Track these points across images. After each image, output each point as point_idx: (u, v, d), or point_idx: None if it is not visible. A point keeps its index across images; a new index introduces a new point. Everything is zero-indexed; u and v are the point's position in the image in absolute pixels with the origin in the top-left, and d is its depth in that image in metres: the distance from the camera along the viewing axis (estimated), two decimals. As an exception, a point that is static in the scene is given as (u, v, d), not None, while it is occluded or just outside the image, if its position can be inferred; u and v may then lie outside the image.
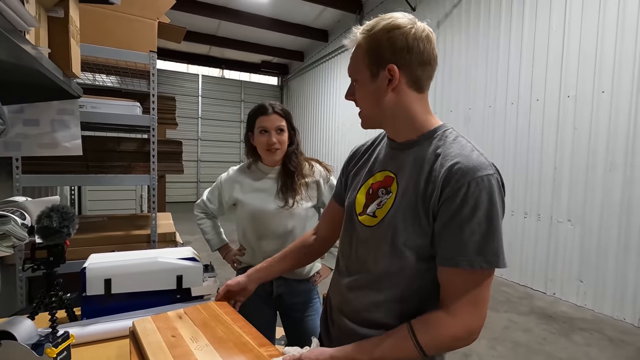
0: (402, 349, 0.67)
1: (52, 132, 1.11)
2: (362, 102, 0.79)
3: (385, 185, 0.79)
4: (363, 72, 0.76)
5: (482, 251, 0.65)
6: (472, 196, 0.65)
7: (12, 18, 0.57)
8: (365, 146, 0.94)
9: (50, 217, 0.88)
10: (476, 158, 0.68)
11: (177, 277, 1.15)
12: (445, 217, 0.67)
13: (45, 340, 0.88)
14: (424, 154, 0.75)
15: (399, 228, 0.72)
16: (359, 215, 0.82)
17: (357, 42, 0.77)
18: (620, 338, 2.74)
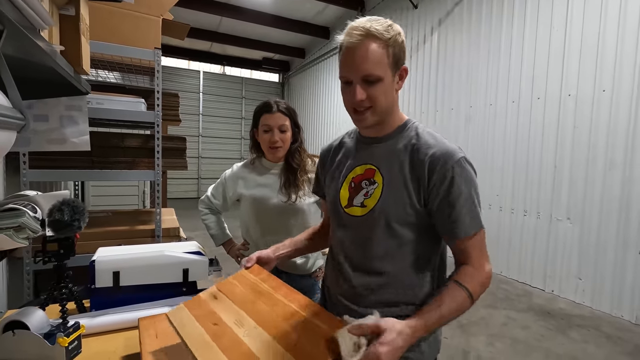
0: (459, 300, 0.76)
1: (61, 127, 1.13)
2: (381, 99, 0.81)
3: (368, 177, 0.88)
4: (388, 72, 0.80)
5: (472, 219, 0.80)
6: (459, 176, 0.78)
7: (30, 16, 0.59)
8: (334, 147, 1.02)
9: (61, 211, 0.90)
10: (449, 145, 0.82)
11: (183, 271, 1.18)
12: (438, 199, 0.79)
13: (57, 330, 0.90)
14: (400, 146, 0.85)
15: (391, 212, 0.82)
16: (345, 208, 0.90)
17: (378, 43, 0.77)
18: (617, 335, 2.77)
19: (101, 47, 1.65)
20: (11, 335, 0.88)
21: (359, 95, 0.79)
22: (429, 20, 5.22)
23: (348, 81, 0.81)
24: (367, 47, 0.77)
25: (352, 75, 0.79)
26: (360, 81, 0.79)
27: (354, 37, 0.77)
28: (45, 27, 0.63)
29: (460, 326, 2.83)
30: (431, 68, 5.18)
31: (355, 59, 0.78)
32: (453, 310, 0.76)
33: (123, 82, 2.56)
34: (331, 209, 0.96)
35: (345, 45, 0.79)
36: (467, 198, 0.79)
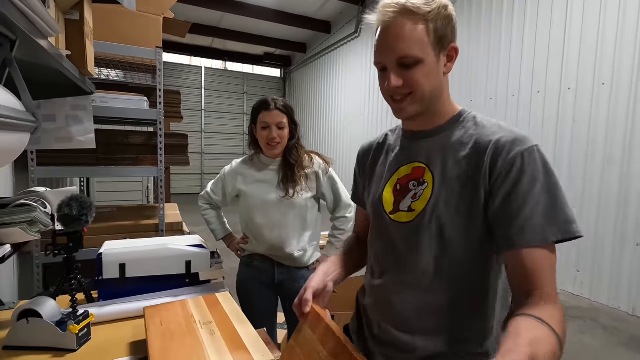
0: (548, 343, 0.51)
1: (67, 126, 1.18)
2: (424, 84, 0.68)
3: (416, 176, 0.74)
4: (429, 51, 0.67)
5: (551, 221, 0.59)
6: (528, 166, 0.61)
7: (39, 25, 0.64)
8: (375, 145, 0.89)
9: (70, 206, 0.96)
10: (519, 132, 0.66)
11: (186, 263, 1.23)
12: (502, 195, 0.63)
13: (68, 318, 0.96)
14: (456, 138, 0.71)
15: (444, 216, 0.68)
16: (390, 214, 0.77)
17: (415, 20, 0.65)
18: (614, 326, 2.82)
19: (104, 46, 1.69)
20: (25, 323, 0.94)
21: (393, 82, 0.67)
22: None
23: (383, 67, 0.70)
24: (402, 25, 0.65)
25: (385, 59, 0.68)
26: (395, 65, 0.67)
27: (387, 15, 0.66)
28: (53, 35, 0.67)
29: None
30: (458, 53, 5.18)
31: (388, 40, 0.66)
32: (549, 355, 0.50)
33: (126, 79, 2.60)
34: (374, 217, 0.82)
35: (377, 26, 0.68)
36: (541, 193, 0.60)
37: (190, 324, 0.94)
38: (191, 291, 1.22)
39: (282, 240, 1.39)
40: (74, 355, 0.93)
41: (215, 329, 0.92)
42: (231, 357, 0.80)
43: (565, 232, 0.60)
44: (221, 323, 0.95)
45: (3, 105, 0.50)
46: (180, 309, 1.02)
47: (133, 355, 0.94)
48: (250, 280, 1.46)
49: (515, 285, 0.62)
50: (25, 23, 0.58)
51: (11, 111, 0.51)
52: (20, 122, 0.54)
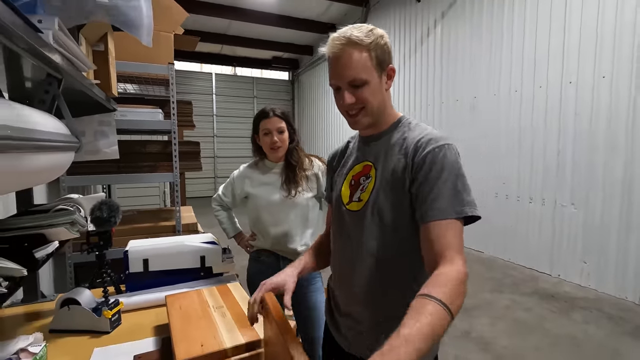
0: (437, 321, 0.60)
1: (95, 140, 1.35)
2: (372, 100, 0.84)
3: (365, 172, 0.91)
4: (373, 74, 0.82)
5: (452, 202, 0.75)
6: (438, 160, 0.77)
7: (77, 64, 0.79)
8: (340, 150, 1.07)
9: (101, 209, 1.12)
10: (437, 134, 0.83)
11: (200, 257, 1.39)
12: (419, 182, 0.79)
13: (102, 305, 1.13)
14: (394, 140, 0.88)
15: (382, 204, 0.84)
16: (346, 205, 0.93)
17: (359, 49, 0.80)
18: (619, 315, 2.85)
19: (122, 65, 1.86)
20: (67, 309, 1.11)
21: (347, 100, 0.83)
22: (432, 13, 5.28)
23: (337, 87, 0.85)
24: (350, 54, 0.80)
25: (339, 81, 0.83)
26: (347, 86, 0.82)
27: (336, 47, 0.81)
28: (87, 70, 0.83)
29: (464, 309, 2.96)
30: (435, 60, 5.25)
31: (340, 66, 0.81)
32: (435, 340, 0.59)
33: (141, 92, 2.80)
34: (335, 209, 0.98)
35: (329, 55, 0.83)
36: (447, 180, 0.76)
37: (205, 308, 1.09)
38: (205, 283, 1.37)
39: (286, 237, 1.54)
40: (108, 337, 1.09)
41: (227, 312, 1.07)
42: (239, 334, 0.94)
43: (461, 211, 0.74)
44: (231, 307, 1.10)
45: (56, 132, 0.65)
46: (197, 297, 1.17)
47: (157, 335, 1.10)
48: (259, 273, 1.61)
49: (425, 253, 0.76)
50: (68, 65, 0.73)
51: (61, 136, 0.66)
52: (68, 144, 0.69)
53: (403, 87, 6.03)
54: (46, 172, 0.64)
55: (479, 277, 3.75)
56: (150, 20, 0.78)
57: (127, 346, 1.04)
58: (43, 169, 0.56)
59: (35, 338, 0.95)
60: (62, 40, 0.65)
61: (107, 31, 1.08)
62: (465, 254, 0.72)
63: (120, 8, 0.69)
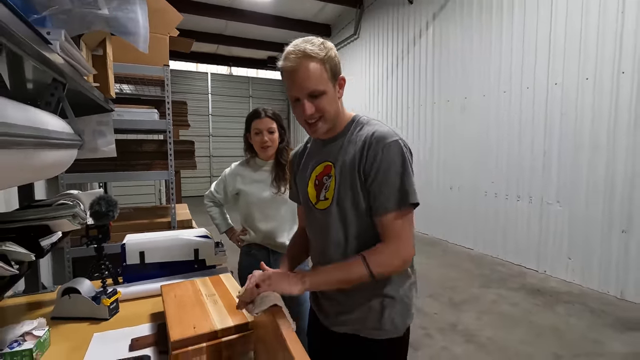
0: (356, 272, 0.86)
1: (94, 139, 1.42)
2: (329, 109, 0.91)
3: (327, 172, 0.98)
4: (328, 84, 0.90)
5: (403, 194, 0.87)
6: (387, 155, 0.87)
7: (80, 70, 0.87)
8: (299, 152, 1.13)
9: (100, 204, 1.19)
10: (385, 130, 0.91)
11: (194, 250, 1.46)
12: (370, 178, 0.88)
13: (101, 294, 1.20)
14: (349, 139, 0.96)
15: (343, 200, 0.93)
16: (315, 205, 1.00)
17: (315, 62, 0.86)
18: (601, 309, 2.96)
19: (119, 67, 1.93)
20: (68, 298, 1.18)
21: (308, 110, 0.88)
22: (424, 15, 5.37)
23: (296, 99, 0.90)
24: (307, 67, 0.85)
25: (299, 93, 0.88)
26: (307, 97, 0.88)
27: (293, 60, 0.86)
28: (89, 75, 0.90)
29: (451, 303, 3.07)
30: (427, 61, 5.35)
31: (298, 79, 0.86)
32: (343, 281, 0.88)
33: (137, 92, 2.86)
34: (305, 208, 1.06)
35: (286, 69, 0.88)
36: (390, 174, 0.86)
37: (198, 296, 1.17)
38: (199, 274, 1.44)
39: (275, 231, 1.61)
40: (107, 323, 1.17)
41: (218, 299, 1.15)
42: (229, 318, 1.02)
43: (404, 201, 0.87)
44: (223, 295, 1.18)
45: (62, 131, 0.72)
46: (190, 286, 1.24)
47: (153, 322, 1.17)
48: (249, 266, 1.68)
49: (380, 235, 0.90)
50: (71, 70, 0.81)
51: (66, 134, 0.73)
52: (71, 142, 0.77)
53: (396, 88, 6.12)
54: (54, 167, 0.71)
55: (468, 274, 3.85)
56: (147, 29, 0.86)
57: (125, 331, 1.12)
58: (52, 164, 0.64)
59: (39, 323, 1.02)
60: (67, 49, 0.72)
61: (105, 37, 1.15)
62: (456, 252, 0.91)
63: (119, 19, 0.76)
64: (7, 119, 0.46)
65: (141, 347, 1.03)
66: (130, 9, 0.77)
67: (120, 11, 0.76)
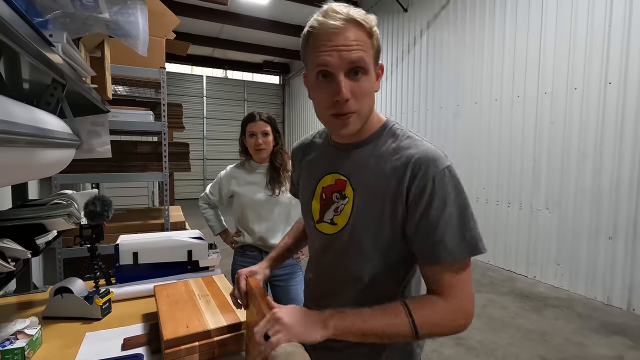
0: (396, 325, 0.63)
1: (89, 140, 1.43)
2: (368, 100, 0.68)
3: (338, 189, 0.76)
4: (371, 65, 0.67)
5: (460, 241, 0.64)
6: (440, 187, 0.64)
7: (79, 71, 0.89)
8: (305, 145, 0.91)
9: (94, 204, 1.20)
10: (432, 151, 0.68)
11: (187, 252, 1.47)
12: (417, 215, 0.66)
13: (93, 294, 1.21)
14: (377, 152, 0.72)
15: (365, 234, 0.71)
16: (316, 223, 0.80)
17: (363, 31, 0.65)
18: (588, 314, 3.02)
19: (116, 69, 1.94)
20: (60, 297, 1.18)
21: (345, 92, 0.64)
22: (418, 23, 5.46)
23: (326, 73, 0.65)
24: (353, 32, 0.64)
25: (335, 64, 0.63)
26: (344, 73, 0.64)
27: (337, 19, 0.63)
28: (88, 76, 0.91)
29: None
30: (421, 68, 5.43)
31: (340, 43, 0.63)
32: (382, 335, 0.63)
33: (132, 93, 2.87)
34: (305, 220, 0.88)
35: (323, 28, 0.64)
36: (447, 213, 0.64)
37: (190, 296, 1.18)
38: (192, 276, 1.45)
39: (269, 233, 1.63)
40: (99, 323, 1.17)
41: (211, 299, 1.16)
42: (222, 317, 1.03)
43: (470, 251, 0.65)
44: (215, 295, 1.19)
45: (62, 131, 0.74)
46: (183, 286, 1.26)
47: (146, 322, 1.18)
48: (242, 267, 1.69)
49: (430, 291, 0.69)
50: (71, 72, 0.83)
51: (65, 134, 0.75)
52: (70, 142, 0.78)
53: (390, 94, 6.20)
54: (54, 166, 0.73)
55: (459, 278, 3.88)
56: (146, 33, 0.88)
57: (117, 331, 1.12)
58: (52, 163, 0.65)
59: (32, 321, 1.02)
60: (69, 51, 0.74)
61: (104, 39, 1.17)
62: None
63: (119, 22, 0.79)
64: (12, 118, 0.48)
65: (133, 346, 1.03)
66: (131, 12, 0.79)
67: (121, 15, 0.78)
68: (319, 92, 0.68)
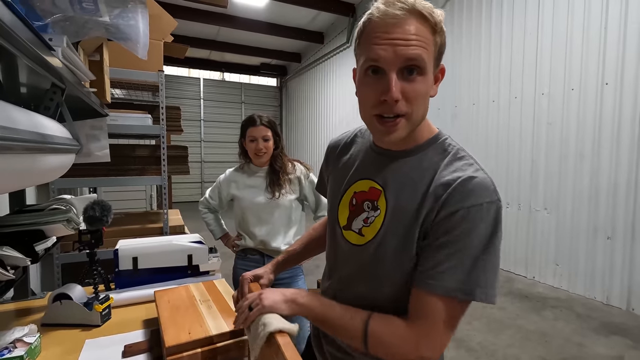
0: (349, 325, 0.62)
1: (87, 144, 1.42)
2: (421, 103, 0.61)
3: (371, 198, 0.70)
4: (431, 66, 0.60)
5: (477, 283, 0.57)
6: (473, 220, 0.57)
7: (79, 75, 0.88)
8: (343, 143, 0.84)
9: (94, 209, 1.19)
10: (481, 181, 0.59)
11: (188, 256, 1.46)
12: (435, 237, 0.59)
13: (93, 300, 1.19)
14: (419, 167, 0.65)
15: (390, 252, 0.65)
16: (343, 229, 0.74)
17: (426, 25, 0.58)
18: (587, 314, 3.02)
19: (114, 72, 1.92)
20: (59, 304, 1.17)
21: (395, 92, 0.56)
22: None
23: (377, 69, 0.58)
24: (414, 26, 0.56)
25: (389, 59, 0.56)
26: (397, 70, 0.57)
27: (397, 8, 0.56)
28: (87, 80, 0.90)
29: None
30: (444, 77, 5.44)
31: (397, 37, 0.56)
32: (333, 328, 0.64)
33: (129, 96, 2.85)
34: (329, 222, 0.81)
35: (382, 17, 0.57)
36: (469, 248, 0.57)
37: (192, 301, 1.17)
38: (193, 280, 1.44)
39: (270, 236, 1.62)
40: (99, 330, 1.16)
41: (212, 304, 1.15)
42: (224, 322, 1.02)
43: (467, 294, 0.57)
44: (217, 300, 1.18)
45: (61, 136, 0.73)
46: (184, 291, 1.24)
47: (146, 328, 1.16)
48: (244, 271, 1.67)
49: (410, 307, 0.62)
50: (71, 76, 0.82)
51: (65, 139, 0.74)
52: (71, 147, 0.77)
53: (388, 95, 6.20)
54: (55, 171, 0.72)
55: (458, 279, 3.88)
56: (147, 36, 0.87)
57: (117, 337, 1.11)
58: (53, 168, 0.64)
59: (30, 329, 1.01)
60: (68, 55, 0.73)
61: (103, 42, 1.16)
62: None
63: (119, 26, 0.78)
64: (14, 124, 0.47)
65: (134, 353, 1.02)
66: (131, 16, 0.78)
67: (121, 18, 0.77)
68: (365, 88, 0.61)
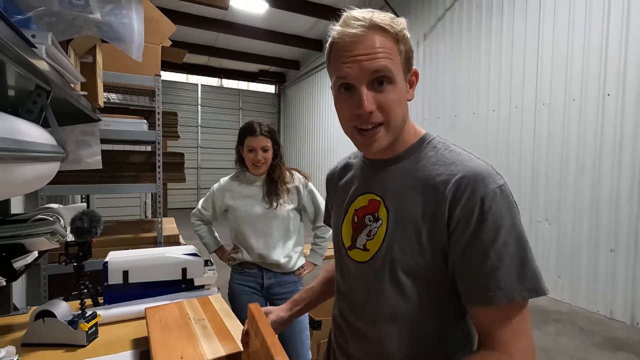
0: None
1: (77, 150, 1.35)
2: (396, 110, 0.61)
3: (372, 210, 0.68)
4: (400, 73, 0.61)
5: (518, 278, 0.54)
6: (491, 211, 0.55)
7: (67, 77, 0.81)
8: (338, 170, 0.85)
9: (82, 220, 1.11)
10: (482, 168, 0.59)
11: (182, 270, 1.38)
12: (462, 244, 0.56)
13: (78, 317, 1.11)
14: (413, 169, 0.65)
15: (398, 261, 0.62)
16: (348, 250, 0.72)
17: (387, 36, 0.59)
18: (590, 328, 2.96)
19: (109, 76, 1.86)
20: (42, 322, 1.08)
21: (367, 105, 0.58)
22: (415, 34, 5.48)
23: (348, 86, 0.60)
24: (375, 40, 0.58)
25: (356, 75, 0.59)
26: (367, 84, 0.59)
27: (356, 27, 0.58)
28: (77, 83, 0.84)
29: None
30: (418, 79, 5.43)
31: (360, 53, 0.58)
32: None
33: (125, 101, 2.78)
34: (335, 248, 0.79)
35: (343, 38, 0.59)
36: (505, 244, 0.54)
37: (185, 320, 1.09)
38: (187, 295, 1.36)
39: (268, 248, 1.55)
40: (84, 350, 1.07)
41: (207, 324, 1.07)
42: (219, 344, 0.95)
43: (531, 291, 0.54)
44: (212, 319, 1.10)
45: (43, 143, 0.66)
46: (177, 309, 1.17)
47: (136, 349, 1.08)
48: (241, 286, 1.61)
49: (480, 335, 0.58)
50: (57, 77, 0.75)
51: (48, 147, 0.67)
52: (54, 155, 0.71)
53: (387, 104, 6.18)
54: (34, 182, 0.65)
55: (458, 291, 3.81)
56: (142, 36, 0.81)
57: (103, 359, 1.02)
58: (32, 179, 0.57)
59: (7, 352, 0.92)
60: (54, 54, 0.67)
61: (95, 43, 1.10)
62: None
63: (112, 24, 0.72)
64: (-20, 130, 0.40)
65: (121, 378, 0.94)
66: (125, 14, 0.72)
67: (114, 16, 0.71)
68: (341, 104, 0.63)
